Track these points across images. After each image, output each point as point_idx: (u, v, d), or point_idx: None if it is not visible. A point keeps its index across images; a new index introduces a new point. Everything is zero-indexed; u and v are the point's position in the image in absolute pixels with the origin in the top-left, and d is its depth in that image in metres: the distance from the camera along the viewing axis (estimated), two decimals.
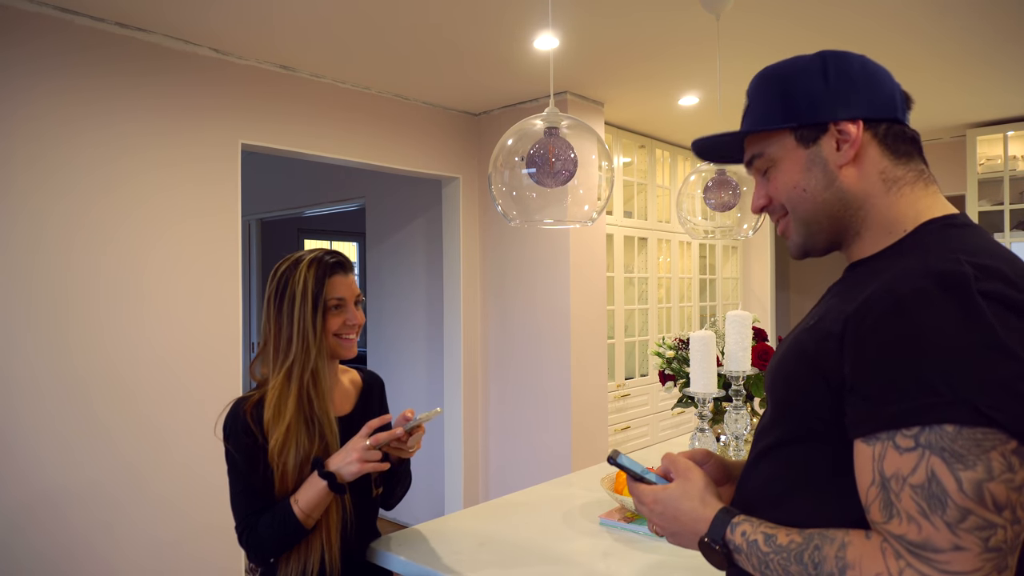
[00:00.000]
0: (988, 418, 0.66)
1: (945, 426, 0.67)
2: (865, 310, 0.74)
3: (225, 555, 2.79)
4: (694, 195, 2.41)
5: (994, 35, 2.81)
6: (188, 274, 2.73)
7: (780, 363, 0.90)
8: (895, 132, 0.88)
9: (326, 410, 1.43)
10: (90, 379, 2.46)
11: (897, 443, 0.70)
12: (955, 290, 0.70)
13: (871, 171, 0.87)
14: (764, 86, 0.94)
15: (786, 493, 0.85)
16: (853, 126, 0.86)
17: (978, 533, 0.66)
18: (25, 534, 2.30)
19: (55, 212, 2.39)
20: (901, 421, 0.70)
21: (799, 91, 0.89)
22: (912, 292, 0.72)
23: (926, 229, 0.84)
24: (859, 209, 0.88)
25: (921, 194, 0.87)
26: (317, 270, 1.45)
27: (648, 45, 2.88)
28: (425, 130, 3.69)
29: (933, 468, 0.67)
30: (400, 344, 4.57)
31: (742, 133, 0.95)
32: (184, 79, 2.73)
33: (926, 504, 0.68)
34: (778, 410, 0.89)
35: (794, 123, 0.89)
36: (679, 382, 2.24)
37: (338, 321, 1.47)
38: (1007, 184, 4.10)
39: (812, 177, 0.89)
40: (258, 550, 1.38)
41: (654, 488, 0.95)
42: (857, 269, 0.89)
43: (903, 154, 0.88)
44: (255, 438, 1.40)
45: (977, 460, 0.66)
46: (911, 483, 0.69)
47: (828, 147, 0.88)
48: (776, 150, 0.92)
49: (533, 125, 1.67)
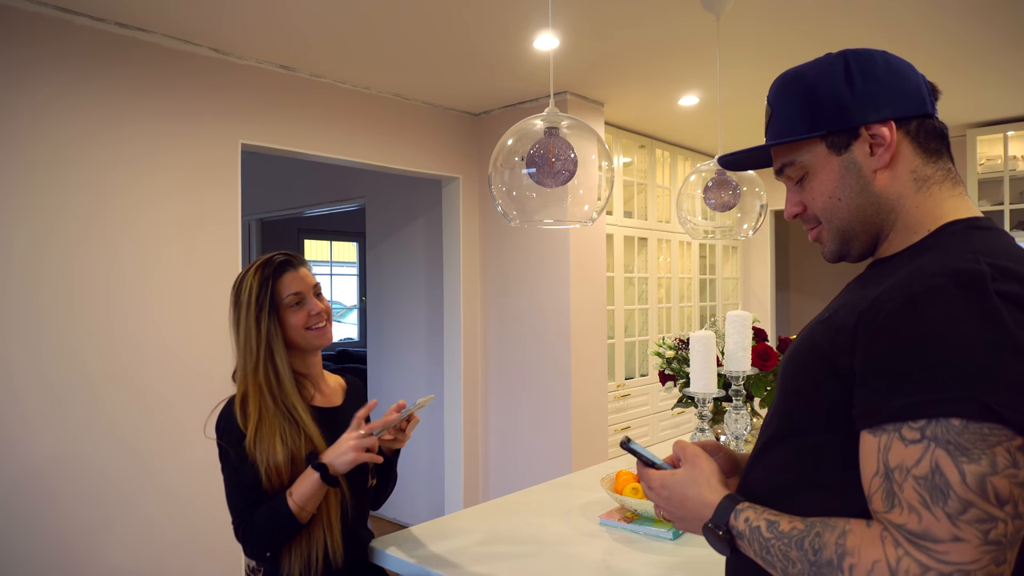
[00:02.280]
0: (996, 414, 0.66)
1: (952, 420, 0.67)
2: (879, 305, 0.74)
3: (227, 552, 2.79)
4: (694, 195, 2.41)
5: (994, 36, 2.81)
6: (188, 274, 2.73)
7: (793, 354, 0.90)
8: (926, 128, 0.86)
9: (293, 403, 1.47)
10: (95, 378, 2.46)
11: (903, 435, 0.70)
12: (971, 288, 0.70)
13: (903, 171, 0.86)
14: (787, 93, 0.92)
15: (791, 484, 0.86)
16: (886, 128, 0.85)
17: (978, 525, 0.66)
18: (28, 528, 2.30)
19: (61, 214, 2.39)
20: (908, 414, 0.70)
21: (825, 97, 0.87)
22: (927, 288, 0.72)
23: (948, 230, 0.83)
24: (891, 212, 0.87)
25: (948, 195, 0.86)
26: (263, 274, 1.50)
27: (648, 45, 2.88)
28: (425, 130, 3.69)
29: (937, 460, 0.68)
30: (400, 344, 4.57)
31: (768, 144, 0.94)
32: (184, 79, 2.73)
33: (928, 495, 0.68)
34: (788, 401, 0.89)
35: (823, 131, 0.88)
36: (679, 382, 2.24)
37: (301, 315, 1.51)
38: (1007, 184, 4.10)
39: (846, 185, 0.88)
40: (254, 544, 1.40)
41: (662, 473, 0.97)
42: (877, 266, 0.89)
43: (933, 151, 0.87)
44: (242, 434, 1.43)
45: (982, 454, 0.66)
46: (915, 474, 0.69)
47: (861, 152, 0.86)
48: (808, 158, 0.90)
49: (533, 125, 1.67)
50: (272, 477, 1.40)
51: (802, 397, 0.85)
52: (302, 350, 1.54)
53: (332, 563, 1.44)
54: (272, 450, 1.41)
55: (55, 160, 2.40)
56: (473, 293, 3.97)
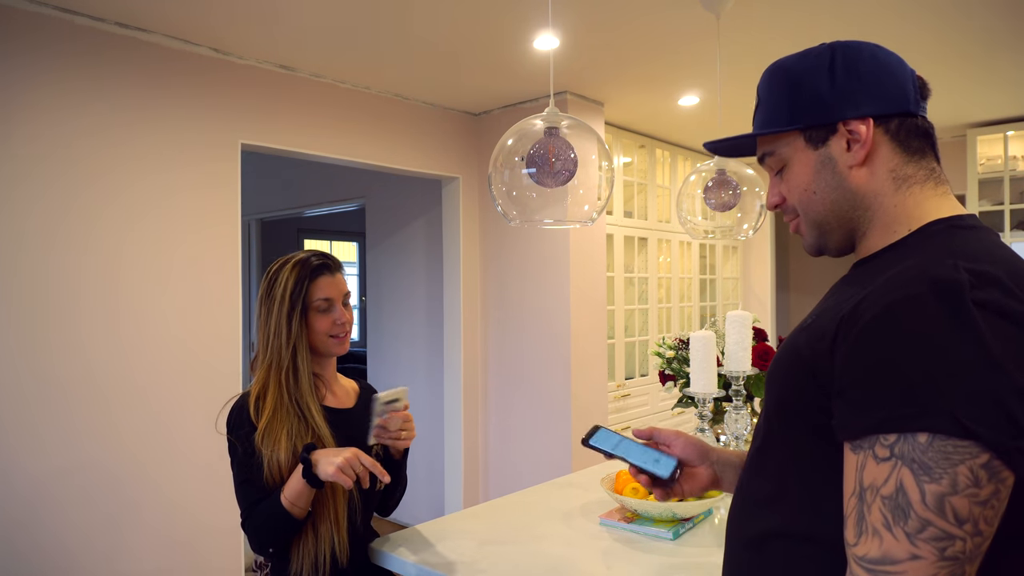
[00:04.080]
0: (965, 428, 0.65)
1: (919, 436, 0.67)
2: (858, 313, 0.74)
3: (228, 555, 2.79)
4: (694, 195, 2.41)
5: (994, 35, 2.81)
6: (189, 274, 2.73)
7: (777, 362, 0.90)
8: (908, 127, 0.85)
9: (308, 403, 1.48)
10: (95, 378, 2.46)
11: (876, 452, 0.70)
12: (947, 299, 0.69)
13: (881, 169, 0.85)
14: (772, 83, 0.93)
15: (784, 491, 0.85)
16: (863, 125, 0.84)
17: (935, 543, 0.65)
18: (28, 531, 2.30)
19: (61, 214, 2.39)
20: (881, 428, 0.69)
21: (806, 91, 0.88)
22: (904, 298, 0.71)
23: (929, 230, 0.82)
24: (867, 209, 0.87)
25: (930, 194, 0.85)
26: (300, 272, 1.50)
27: (648, 45, 2.88)
28: (425, 130, 3.68)
29: (902, 479, 0.67)
30: (400, 344, 4.57)
31: (752, 136, 0.95)
32: (184, 79, 2.73)
33: (891, 515, 0.68)
34: (773, 408, 0.89)
35: (801, 124, 0.88)
36: (679, 382, 2.24)
37: (327, 321, 1.52)
38: (1007, 184, 4.10)
39: (822, 179, 0.88)
40: (255, 539, 1.41)
41: None
42: (860, 268, 0.88)
43: (915, 151, 0.86)
44: (253, 427, 1.44)
45: (943, 473, 0.66)
46: (882, 494, 0.69)
47: (838, 147, 0.86)
48: (787, 151, 0.91)
49: (533, 125, 1.67)
50: (273, 472, 1.41)
51: (787, 405, 0.85)
52: (319, 355, 1.56)
53: (339, 563, 1.44)
54: (277, 446, 1.42)
55: (54, 160, 2.39)
56: (473, 293, 3.97)
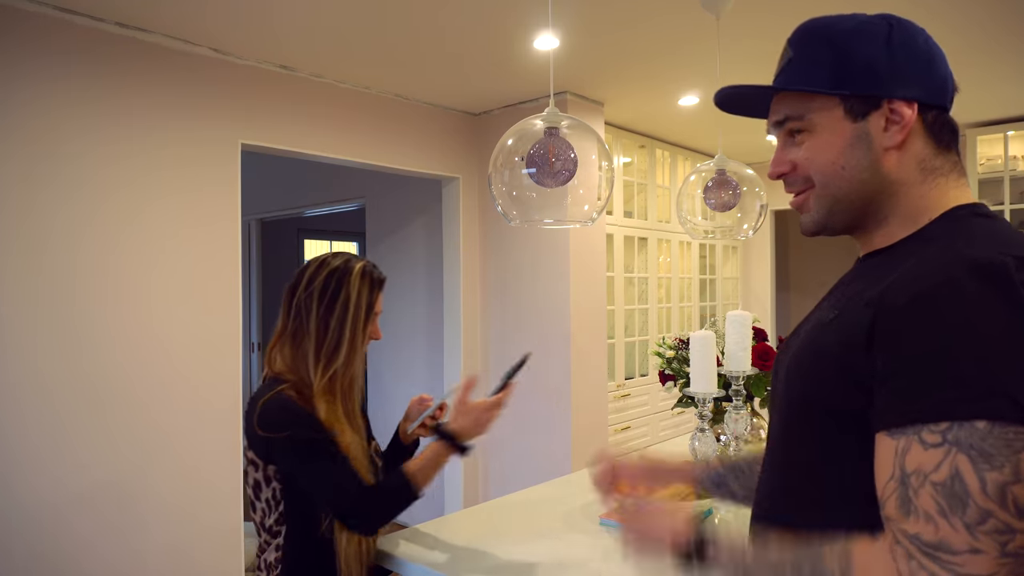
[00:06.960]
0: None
1: (977, 423, 0.64)
2: (894, 299, 0.70)
3: (224, 558, 2.79)
4: (694, 195, 2.41)
5: (994, 34, 2.81)
6: (188, 274, 2.73)
7: (796, 361, 0.85)
8: (942, 121, 0.82)
9: (355, 410, 1.51)
10: (92, 378, 2.46)
11: (923, 438, 0.66)
12: (994, 280, 0.66)
13: (910, 158, 0.82)
14: (814, 40, 0.84)
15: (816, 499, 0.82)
16: (908, 108, 0.79)
17: (996, 537, 0.63)
18: (25, 537, 2.29)
19: (60, 213, 2.39)
20: (931, 415, 0.66)
21: (858, 55, 0.80)
22: (947, 280, 0.68)
23: (953, 216, 0.80)
24: (892, 196, 0.82)
25: (953, 185, 0.83)
26: (371, 281, 1.51)
27: (648, 45, 2.88)
28: (425, 130, 3.68)
29: (958, 466, 0.64)
30: (400, 343, 4.57)
31: (779, 88, 0.86)
32: (184, 79, 2.73)
33: (946, 503, 0.64)
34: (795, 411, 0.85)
35: (847, 91, 0.81)
36: (679, 382, 2.24)
37: (375, 330, 1.56)
38: (1007, 184, 4.10)
39: (854, 155, 0.82)
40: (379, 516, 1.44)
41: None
42: (873, 259, 0.85)
43: (944, 144, 0.83)
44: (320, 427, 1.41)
45: (1005, 461, 0.63)
46: (932, 480, 0.65)
47: (876, 126, 0.81)
48: (819, 117, 0.83)
49: (533, 125, 1.67)
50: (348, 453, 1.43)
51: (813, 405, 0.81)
52: None
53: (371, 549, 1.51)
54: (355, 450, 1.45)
55: (54, 160, 2.39)
56: (473, 293, 3.96)
